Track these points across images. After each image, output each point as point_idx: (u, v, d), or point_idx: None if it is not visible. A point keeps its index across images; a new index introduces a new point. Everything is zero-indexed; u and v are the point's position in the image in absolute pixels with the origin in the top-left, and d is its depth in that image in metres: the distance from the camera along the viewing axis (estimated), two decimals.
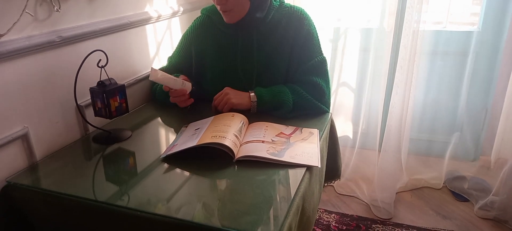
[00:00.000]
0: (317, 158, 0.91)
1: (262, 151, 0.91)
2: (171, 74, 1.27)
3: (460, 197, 1.87)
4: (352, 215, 1.78)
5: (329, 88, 1.21)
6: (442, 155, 1.98)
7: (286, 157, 0.90)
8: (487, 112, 1.92)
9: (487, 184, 1.85)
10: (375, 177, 1.86)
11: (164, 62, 1.41)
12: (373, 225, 1.71)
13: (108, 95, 1.00)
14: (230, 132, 0.95)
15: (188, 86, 1.16)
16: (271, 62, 1.21)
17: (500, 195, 1.68)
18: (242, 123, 1.04)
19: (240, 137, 0.98)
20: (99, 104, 1.02)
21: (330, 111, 1.21)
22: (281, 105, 1.14)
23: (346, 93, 1.96)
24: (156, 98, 1.33)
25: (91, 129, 1.11)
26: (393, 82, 1.70)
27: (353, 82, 1.95)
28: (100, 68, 1.00)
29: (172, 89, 1.15)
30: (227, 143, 0.90)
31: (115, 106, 1.03)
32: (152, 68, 1.08)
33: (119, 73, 1.21)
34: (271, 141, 0.97)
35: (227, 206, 0.76)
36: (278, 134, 1.02)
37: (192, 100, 1.20)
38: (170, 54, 1.38)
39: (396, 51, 1.73)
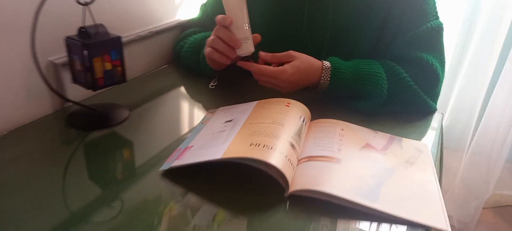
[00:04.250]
0: (442, 211, 0.48)
1: (339, 183, 0.50)
2: (205, 28, 0.88)
3: None
4: None
5: (444, 72, 0.76)
6: None
7: (385, 202, 0.48)
8: None
9: None
10: (454, 187, 1.43)
11: (192, 10, 1.01)
12: None
13: (92, 52, 0.62)
14: (282, 136, 0.55)
15: (249, 46, 0.70)
16: (355, 23, 0.77)
17: None
18: (302, 119, 0.63)
19: (299, 146, 0.57)
20: (78, 65, 0.64)
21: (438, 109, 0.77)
22: (369, 95, 0.71)
23: None
24: (180, 62, 0.94)
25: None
26: (501, 70, 1.22)
27: (447, 61, 1.45)
28: (82, 6, 0.62)
29: (226, 25, 0.68)
30: (276, 160, 0.49)
31: (104, 71, 0.65)
32: None
33: (117, 21, 0.83)
34: (352, 159, 0.56)
35: None
36: (364, 146, 0.60)
37: (224, 65, 0.73)
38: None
39: None
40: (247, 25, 0.70)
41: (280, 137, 0.54)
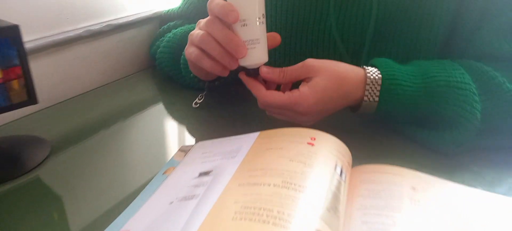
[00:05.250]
0: None
1: None
2: (188, 21, 0.64)
3: None
4: None
5: None
6: None
7: None
8: None
9: None
10: None
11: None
12: None
13: None
14: (299, 218, 0.26)
15: (259, 53, 0.41)
16: (415, 5, 0.48)
17: None
18: (339, 171, 0.34)
19: (336, 229, 0.28)
20: None
21: None
22: (451, 121, 0.41)
23: None
24: (157, 68, 0.66)
25: None
26: None
27: None
28: None
29: (227, 21, 0.39)
30: None
31: None
32: None
33: (48, 9, 0.56)
34: None
35: None
36: (465, 225, 0.31)
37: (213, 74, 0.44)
38: None
39: None
40: (261, 18, 0.40)
41: (293, 220, 0.26)
